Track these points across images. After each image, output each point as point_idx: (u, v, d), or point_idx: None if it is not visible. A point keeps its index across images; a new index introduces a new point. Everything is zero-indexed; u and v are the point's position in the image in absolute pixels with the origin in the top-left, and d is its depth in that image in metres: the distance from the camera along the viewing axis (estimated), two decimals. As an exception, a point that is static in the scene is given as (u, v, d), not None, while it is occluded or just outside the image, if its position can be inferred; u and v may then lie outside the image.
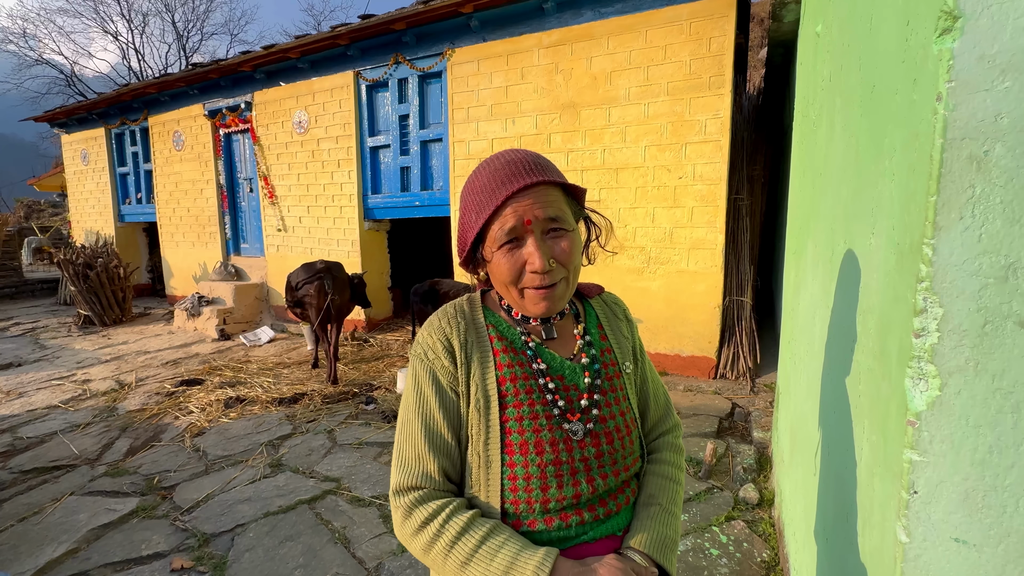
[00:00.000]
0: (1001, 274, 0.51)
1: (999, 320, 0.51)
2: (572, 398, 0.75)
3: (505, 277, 0.72)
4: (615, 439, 0.75)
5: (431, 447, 0.72)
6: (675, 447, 0.88)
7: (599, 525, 0.73)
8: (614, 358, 0.82)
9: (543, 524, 0.71)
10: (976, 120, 0.50)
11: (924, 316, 0.54)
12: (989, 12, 0.49)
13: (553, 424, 0.72)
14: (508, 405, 0.72)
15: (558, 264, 0.71)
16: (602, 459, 0.74)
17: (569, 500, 0.71)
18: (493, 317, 0.80)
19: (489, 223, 0.71)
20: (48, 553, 2.09)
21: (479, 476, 0.73)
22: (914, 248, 0.56)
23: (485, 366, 0.74)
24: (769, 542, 2.05)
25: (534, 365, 0.75)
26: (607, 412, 0.76)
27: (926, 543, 0.57)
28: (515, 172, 0.70)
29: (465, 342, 0.75)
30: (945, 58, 0.51)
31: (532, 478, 0.70)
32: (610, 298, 0.91)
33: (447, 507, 0.69)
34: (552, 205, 0.71)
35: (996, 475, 0.53)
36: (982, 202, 0.51)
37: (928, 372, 0.55)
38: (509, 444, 0.71)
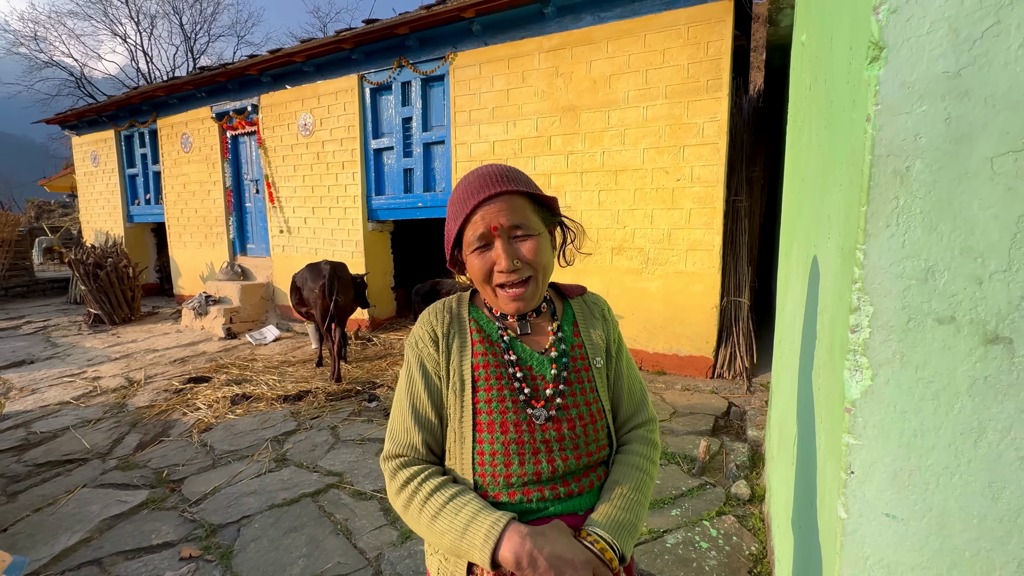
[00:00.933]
0: (922, 276, 0.57)
1: (920, 317, 0.58)
2: (539, 387, 0.83)
3: (478, 276, 0.81)
4: (576, 425, 0.82)
5: (416, 422, 0.82)
6: (647, 440, 0.91)
7: (560, 503, 0.80)
8: (584, 353, 0.88)
9: (507, 497, 0.79)
10: (899, 139, 0.56)
11: (858, 313, 0.61)
12: (909, 44, 0.55)
13: (518, 408, 0.81)
14: (480, 389, 0.81)
15: (523, 263, 0.79)
16: (563, 442, 0.80)
17: (530, 476, 0.78)
18: (476, 313, 0.89)
19: (463, 229, 0.81)
20: (63, 542, 2.17)
21: (455, 450, 0.82)
22: (851, 252, 0.63)
23: (463, 354, 0.84)
24: (758, 536, 2.10)
25: (506, 356, 0.84)
26: (571, 401, 0.83)
27: (862, 519, 0.63)
28: (484, 184, 0.79)
29: (448, 333, 0.85)
30: (873, 83, 0.57)
31: (497, 454, 0.79)
32: (591, 298, 0.97)
33: (425, 471, 0.80)
34: (516, 212, 0.79)
35: (920, 456, 0.59)
36: (905, 212, 0.57)
37: (862, 364, 0.61)
38: (479, 423, 0.80)
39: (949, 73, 0.53)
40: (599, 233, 4.28)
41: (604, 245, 4.27)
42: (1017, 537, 0.56)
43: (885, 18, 0.55)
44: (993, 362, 0.55)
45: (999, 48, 0.51)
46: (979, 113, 0.53)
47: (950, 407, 0.58)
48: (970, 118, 0.53)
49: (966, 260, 0.55)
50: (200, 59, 22.23)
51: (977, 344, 0.56)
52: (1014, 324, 0.54)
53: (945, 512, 0.59)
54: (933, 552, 0.60)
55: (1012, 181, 0.52)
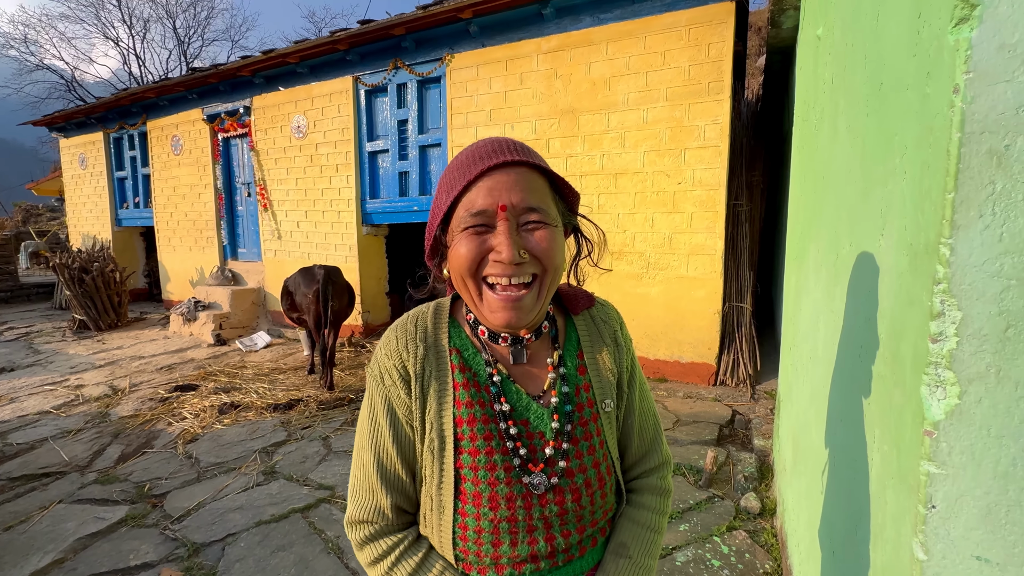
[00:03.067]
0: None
1: (1022, 324, 0.49)
2: (536, 446, 0.66)
3: (462, 264, 0.61)
4: (583, 495, 0.67)
5: (383, 481, 0.67)
6: (659, 489, 0.77)
7: (557, 571, 0.67)
8: (592, 396, 0.71)
9: (494, 572, 0.65)
10: (996, 113, 0.47)
11: (942, 320, 0.52)
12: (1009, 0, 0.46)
13: (512, 477, 0.64)
14: (464, 451, 0.65)
15: (531, 257, 0.60)
16: (565, 517, 0.66)
17: (523, 556, 0.65)
18: (458, 337, 0.70)
19: (457, 202, 0.61)
20: (33, 563, 2.03)
21: (431, 519, 0.67)
22: (930, 248, 0.54)
23: (442, 403, 0.66)
24: (772, 553, 2.00)
25: (496, 406, 0.66)
26: (576, 464, 0.67)
27: (945, 561, 0.54)
28: (496, 149, 0.61)
29: (422, 372, 0.66)
30: (962, 48, 0.48)
31: (483, 532, 0.64)
32: (600, 314, 0.76)
33: (397, 548, 0.66)
34: (533, 192, 0.61)
35: (1020, 489, 0.50)
36: (1003, 199, 0.48)
37: (946, 379, 0.52)
38: (463, 492, 0.64)
39: (1061, 32, 0.45)
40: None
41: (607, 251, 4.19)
42: None
43: (979, -30, 0.47)
44: (1114, 378, 0.46)
45: None
46: (1099, 79, 0.44)
47: (1058, 431, 0.49)
48: (1088, 85, 0.45)
49: (1081, 256, 0.46)
50: (193, 63, 22.10)
51: (1094, 356, 0.47)
52: None
53: (1051, 556, 0.50)
54: (1035, 603, 0.51)
55: None
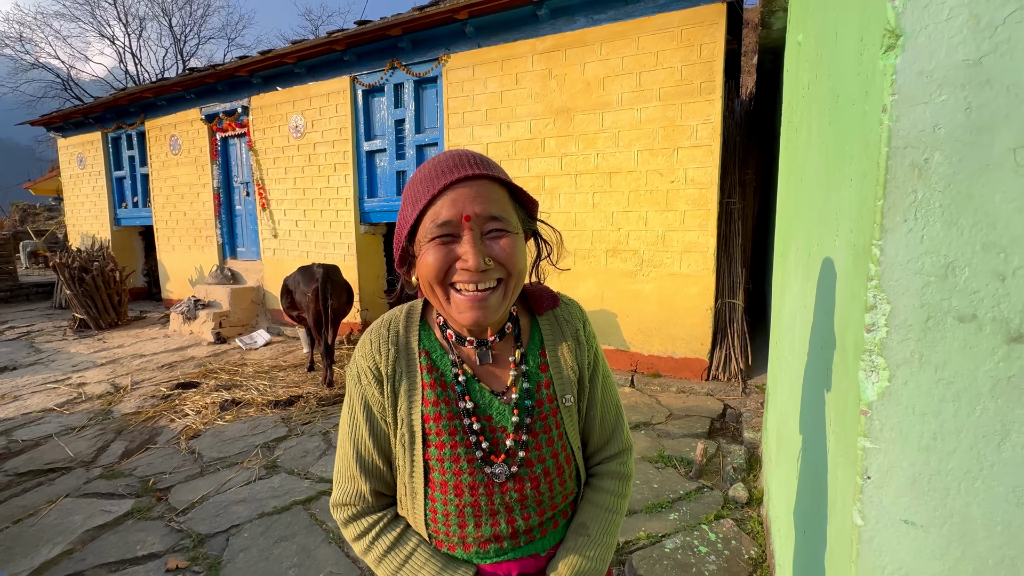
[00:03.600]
0: (941, 272, 0.55)
1: (940, 315, 0.55)
2: (498, 439, 0.73)
3: (431, 274, 0.65)
4: (541, 483, 0.73)
5: (362, 470, 0.74)
6: (619, 475, 0.82)
7: (520, 550, 0.75)
8: (552, 392, 0.76)
9: (462, 550, 0.74)
10: (917, 130, 0.54)
11: (874, 312, 0.58)
12: (927, 31, 0.53)
13: (475, 468, 0.71)
14: (431, 444, 0.71)
15: (496, 264, 0.65)
16: (525, 502, 0.73)
17: (487, 537, 0.73)
18: (428, 340, 0.76)
19: (423, 215, 0.65)
20: (44, 554, 2.10)
21: (406, 503, 0.76)
22: (865, 249, 0.60)
23: (412, 400, 0.72)
24: (757, 540, 2.08)
25: (461, 403, 0.72)
26: (535, 455, 0.73)
27: (879, 525, 0.60)
28: (457, 164, 0.65)
29: (393, 373, 0.73)
30: (889, 72, 0.55)
31: (451, 515, 0.72)
32: (564, 313, 0.80)
33: (377, 524, 0.75)
34: (494, 203, 0.65)
35: (940, 460, 0.57)
36: (923, 206, 0.55)
37: (879, 364, 0.59)
38: (432, 480, 0.72)
39: (970, 61, 0.51)
40: (594, 235, 4.26)
41: (599, 247, 4.26)
42: (1043, 544, 0.54)
43: (902, 5, 0.53)
44: (1017, 362, 0.53)
45: (1021, 35, 0.49)
46: (1001, 102, 0.51)
47: (972, 409, 0.55)
48: (992, 107, 0.51)
49: (988, 255, 0.53)
50: (190, 61, 22.06)
51: (1000, 343, 0.54)
52: (1039, 322, 0.52)
53: (967, 518, 0.57)
54: (954, 560, 0.57)
55: (1036, 173, 0.50)
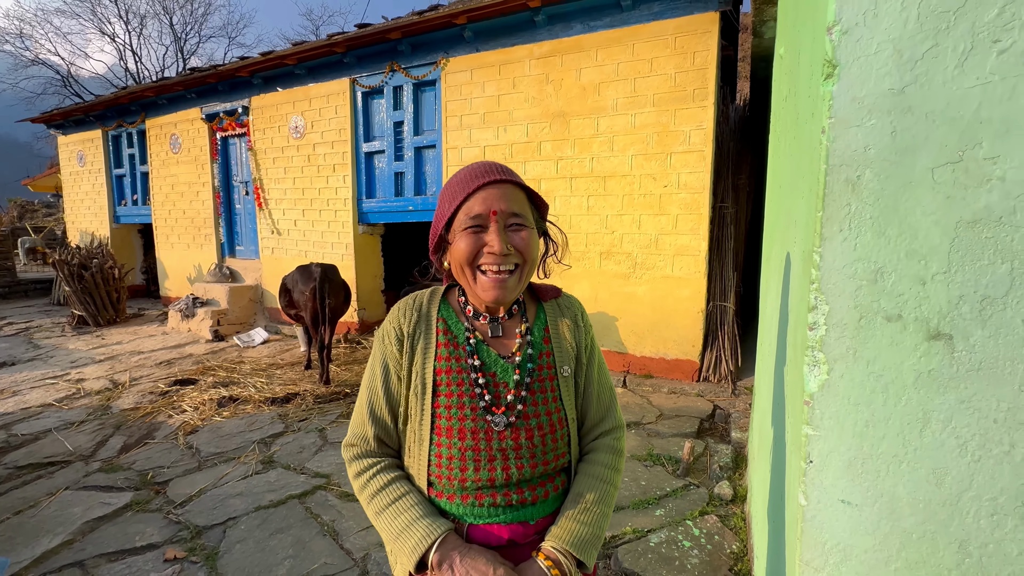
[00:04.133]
0: (871, 277, 0.61)
1: (871, 315, 0.62)
2: (500, 393, 0.83)
3: (463, 256, 0.80)
4: (535, 435, 0.82)
5: (371, 417, 0.86)
6: (612, 449, 0.90)
7: (511, 511, 0.81)
8: (552, 361, 0.87)
9: (460, 499, 0.81)
10: (851, 150, 0.61)
11: (815, 312, 0.65)
12: (858, 63, 0.59)
13: (477, 415, 0.81)
14: (440, 393, 0.82)
15: (515, 251, 0.79)
16: (519, 451, 0.81)
17: (484, 482, 0.80)
18: (447, 311, 0.89)
19: (458, 210, 0.81)
20: (44, 544, 2.15)
21: (414, 450, 0.84)
22: (809, 255, 0.67)
23: (426, 356, 0.84)
24: (739, 535, 2.15)
25: (470, 360, 0.83)
26: (531, 410, 0.83)
27: (820, 505, 0.67)
28: (487, 171, 0.81)
29: (413, 333, 0.85)
30: (827, 98, 0.61)
31: (454, 459, 0.80)
32: (565, 302, 0.94)
33: (376, 465, 0.84)
34: (515, 202, 0.81)
35: (872, 445, 0.64)
36: (856, 217, 0.61)
37: (819, 359, 0.65)
38: (438, 427, 0.81)
39: (894, 90, 0.58)
40: (588, 238, 4.33)
41: (593, 250, 4.33)
42: (958, 520, 0.60)
43: (837, 38, 0.60)
44: (936, 357, 0.60)
45: (937, 68, 0.56)
46: (921, 127, 0.58)
47: (898, 399, 0.62)
48: (913, 132, 0.58)
49: (911, 262, 0.60)
50: (190, 59, 22.08)
51: (921, 340, 0.60)
52: (954, 322, 0.59)
53: (895, 497, 0.63)
54: (884, 535, 0.64)
55: (950, 190, 0.57)
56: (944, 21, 0.55)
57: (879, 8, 0.57)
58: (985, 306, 0.57)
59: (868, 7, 0.58)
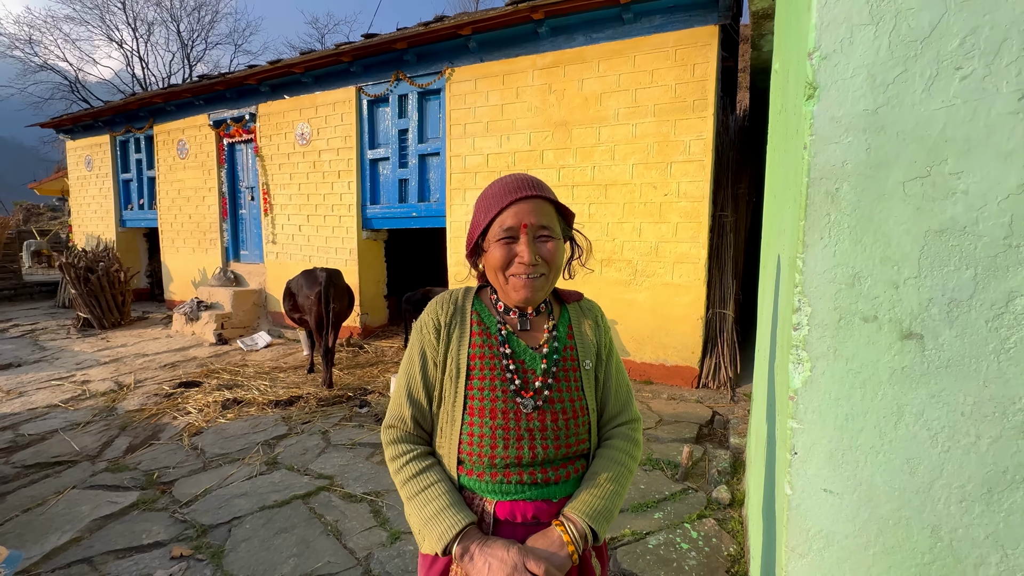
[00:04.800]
0: (849, 281, 0.67)
1: (849, 316, 0.67)
2: (529, 380, 0.90)
3: (496, 263, 0.88)
4: (559, 418, 0.89)
5: (409, 400, 0.93)
6: (629, 437, 0.97)
7: (536, 488, 0.88)
8: (575, 355, 0.95)
9: (488, 476, 0.87)
10: (830, 165, 0.66)
11: (799, 313, 0.70)
12: (836, 85, 0.65)
13: (508, 397, 0.88)
14: (474, 377, 0.89)
15: (542, 261, 0.88)
16: (545, 432, 0.88)
17: (512, 460, 0.86)
18: (480, 306, 0.97)
19: (493, 221, 0.89)
20: (53, 541, 2.19)
21: (446, 430, 0.91)
22: (793, 261, 0.72)
23: (461, 343, 0.92)
24: (737, 538, 2.18)
25: (502, 348, 0.91)
26: (556, 396, 0.90)
27: (804, 494, 0.72)
28: (520, 186, 0.89)
29: (450, 323, 0.93)
30: (808, 117, 0.67)
31: (484, 437, 0.87)
32: (586, 304, 1.04)
33: (412, 451, 0.91)
34: (544, 215, 0.88)
35: (851, 437, 0.68)
36: (835, 226, 0.67)
37: (803, 358, 0.70)
38: (471, 408, 0.88)
39: (869, 111, 0.64)
40: (589, 245, 4.38)
41: (594, 257, 4.38)
42: (930, 507, 0.65)
43: (817, 63, 0.66)
44: (908, 355, 0.65)
45: (907, 92, 0.62)
46: (893, 145, 0.63)
47: (875, 394, 0.67)
48: (886, 149, 0.63)
49: (885, 267, 0.65)
50: (197, 66, 22.33)
51: (895, 339, 0.65)
52: (924, 322, 0.64)
53: (872, 486, 0.68)
54: (863, 522, 0.69)
55: (920, 202, 0.63)
56: (912, 49, 0.61)
57: (854, 36, 0.63)
58: (952, 308, 0.62)
59: (844, 35, 0.64)
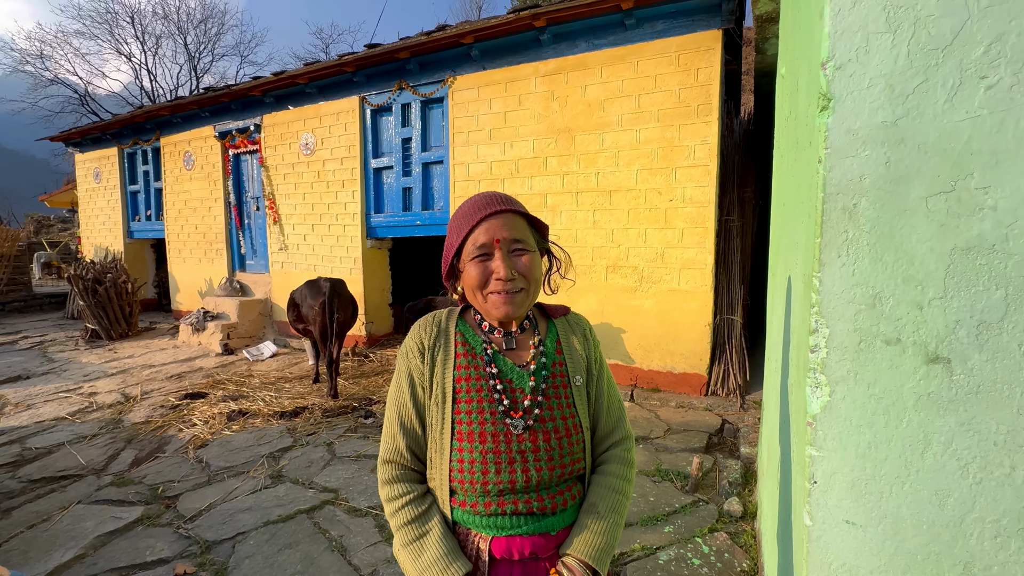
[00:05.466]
0: (870, 302, 0.63)
1: (870, 339, 0.64)
2: (518, 399, 0.87)
3: (474, 283, 0.87)
4: (552, 437, 0.86)
5: (401, 429, 0.90)
6: (623, 460, 0.95)
7: (533, 521, 0.84)
8: (565, 371, 0.92)
9: (482, 507, 0.84)
10: (846, 179, 0.63)
11: (817, 335, 0.67)
12: (852, 96, 0.62)
13: (496, 419, 0.85)
14: (460, 400, 0.86)
15: (519, 275, 0.86)
16: (538, 453, 0.85)
17: (505, 485, 0.83)
18: (464, 327, 0.94)
19: (465, 240, 0.87)
20: (56, 558, 2.17)
21: (435, 460, 0.88)
22: (809, 279, 0.69)
23: (446, 366, 0.89)
24: (750, 552, 2.12)
25: (488, 368, 0.88)
26: (547, 414, 0.87)
27: (824, 525, 0.68)
28: (489, 202, 0.87)
29: (433, 346, 0.91)
30: (823, 130, 0.64)
31: (475, 462, 0.83)
32: (573, 318, 1.01)
33: (408, 494, 0.88)
34: (517, 229, 0.87)
35: (875, 466, 0.65)
36: (854, 244, 0.63)
37: (821, 381, 0.67)
38: (459, 433, 0.85)
39: (887, 122, 0.61)
40: (594, 251, 4.35)
41: (599, 263, 4.35)
42: (962, 542, 0.61)
43: (832, 73, 0.63)
44: (935, 380, 0.61)
45: (928, 102, 0.59)
46: (914, 158, 0.60)
47: (899, 421, 0.63)
48: (906, 162, 0.60)
49: (908, 287, 0.61)
50: (203, 78, 22.59)
51: (920, 363, 0.62)
52: (951, 345, 0.60)
53: (898, 519, 0.64)
54: (889, 556, 0.65)
55: (944, 218, 0.59)
56: (933, 58, 0.58)
57: (871, 45, 0.60)
58: (982, 331, 0.59)
59: (860, 44, 0.61)
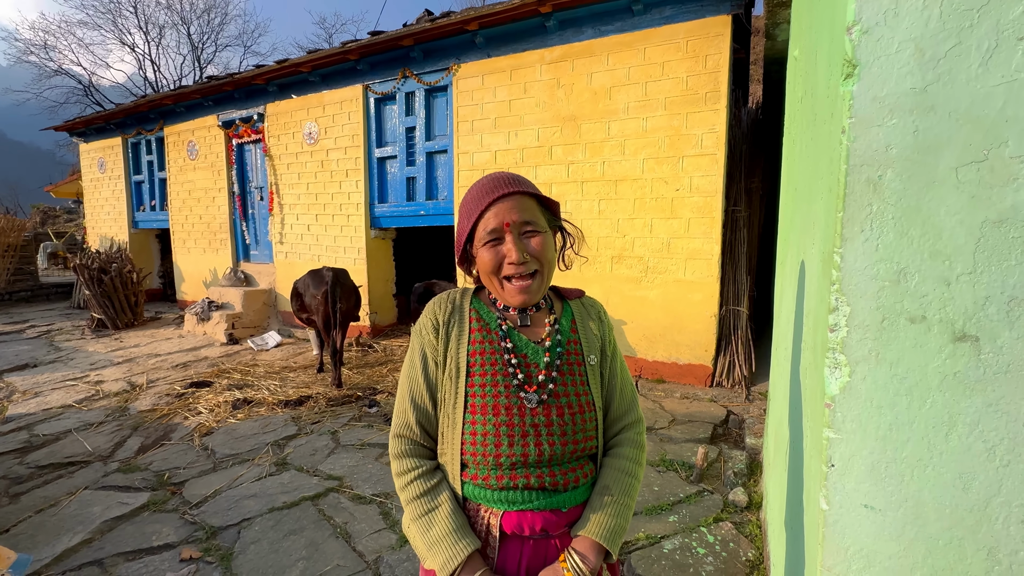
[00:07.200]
0: (894, 278, 0.61)
1: (894, 316, 0.61)
2: (532, 373, 0.87)
3: (487, 268, 0.86)
4: (566, 413, 0.86)
5: (412, 404, 0.90)
6: (635, 443, 0.95)
7: (544, 497, 0.84)
8: (579, 349, 0.92)
9: (495, 480, 0.83)
10: (871, 150, 0.60)
11: (836, 313, 0.64)
12: (879, 62, 0.59)
13: (511, 392, 0.85)
14: (474, 374, 0.86)
15: (531, 257, 0.85)
16: (551, 427, 0.84)
17: (518, 458, 0.82)
18: (478, 304, 0.94)
19: (476, 225, 0.86)
20: (64, 542, 2.19)
21: (447, 434, 0.87)
22: (829, 256, 0.66)
23: (460, 341, 0.89)
24: (755, 542, 2.11)
25: (503, 343, 0.88)
26: (562, 389, 0.87)
27: (842, 510, 0.66)
28: (497, 185, 0.86)
29: (448, 322, 0.91)
30: (847, 98, 0.61)
31: (488, 435, 0.83)
32: (588, 301, 1.01)
33: (418, 468, 0.87)
34: (526, 211, 0.86)
35: (895, 449, 0.62)
36: (878, 218, 0.61)
37: (840, 361, 0.64)
38: (472, 407, 0.85)
39: (916, 89, 0.58)
40: (599, 242, 4.32)
41: (604, 253, 4.31)
42: (987, 527, 0.59)
43: (857, 38, 0.59)
44: (962, 359, 0.59)
45: (961, 67, 0.56)
46: (944, 126, 0.57)
47: (923, 402, 0.61)
48: (936, 131, 0.57)
49: (935, 263, 0.59)
50: (207, 68, 22.52)
51: (946, 342, 0.59)
52: (980, 323, 0.58)
53: (920, 503, 0.62)
54: (909, 541, 0.63)
55: (975, 189, 0.56)
56: (967, 19, 0.54)
57: (900, 7, 0.57)
58: (1013, 307, 0.56)
59: (889, 6, 0.57)
